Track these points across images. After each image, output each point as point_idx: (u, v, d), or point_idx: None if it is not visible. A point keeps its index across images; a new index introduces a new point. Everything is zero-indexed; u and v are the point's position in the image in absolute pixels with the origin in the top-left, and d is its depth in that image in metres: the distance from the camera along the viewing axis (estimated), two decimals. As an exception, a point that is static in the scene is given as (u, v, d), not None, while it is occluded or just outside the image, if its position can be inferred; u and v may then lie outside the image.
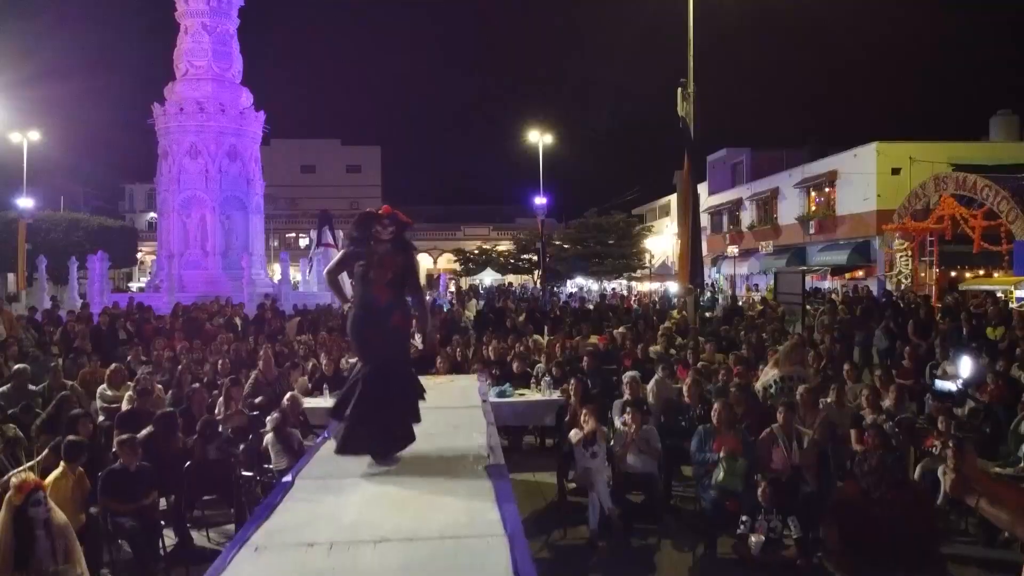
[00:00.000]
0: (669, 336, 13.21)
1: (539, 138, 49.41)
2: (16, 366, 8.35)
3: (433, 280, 63.92)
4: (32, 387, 8.37)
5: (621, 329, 12.72)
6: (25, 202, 46.61)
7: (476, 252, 58.29)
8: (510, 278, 56.20)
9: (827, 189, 30.76)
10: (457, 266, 60.38)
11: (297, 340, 11.77)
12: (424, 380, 7.51)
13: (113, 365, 8.79)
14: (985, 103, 69.93)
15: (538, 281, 51.11)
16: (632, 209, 66.05)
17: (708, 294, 26.53)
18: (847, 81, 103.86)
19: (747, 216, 38.70)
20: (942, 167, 26.81)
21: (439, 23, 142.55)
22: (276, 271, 67.42)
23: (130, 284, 62.77)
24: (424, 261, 69.54)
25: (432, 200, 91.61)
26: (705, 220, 44.60)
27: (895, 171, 27.20)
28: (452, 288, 59.57)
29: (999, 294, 18.39)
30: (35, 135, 46.85)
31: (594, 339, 13.07)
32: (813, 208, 31.87)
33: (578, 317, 15.30)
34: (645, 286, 28.69)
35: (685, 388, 6.94)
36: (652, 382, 8.09)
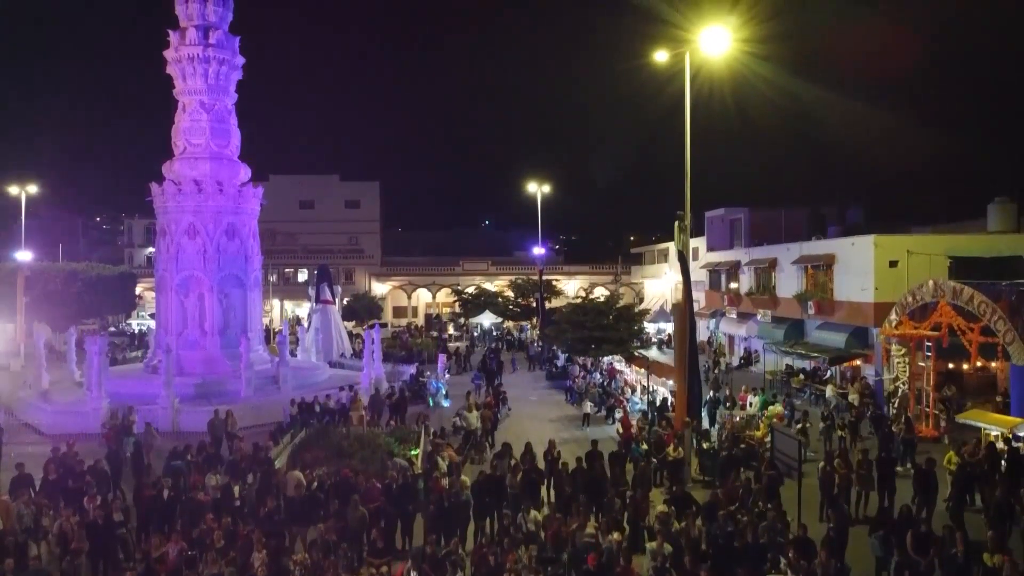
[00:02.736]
0: (666, 522, 13.19)
1: (538, 188, 49.67)
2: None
3: (432, 321, 64.09)
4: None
5: (615, 535, 12.66)
6: (24, 255, 46.76)
7: (474, 292, 58.36)
8: (508, 324, 56.18)
9: (825, 271, 30.75)
10: (456, 307, 60.46)
11: (292, 560, 11.72)
12: None
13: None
14: (983, 178, 69.70)
15: (536, 329, 51.23)
16: (631, 249, 66.26)
17: (708, 378, 26.44)
18: (844, 150, 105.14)
19: (745, 280, 38.71)
20: (940, 260, 26.86)
21: (439, 56, 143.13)
22: (275, 305, 67.28)
23: (129, 321, 62.90)
24: (423, 296, 69.65)
25: (432, 227, 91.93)
26: (703, 275, 44.68)
27: (892, 264, 27.23)
28: (453, 326, 59.87)
29: (994, 434, 18.39)
30: (32, 188, 47.03)
31: (591, 528, 13.06)
32: (810, 286, 31.89)
33: (577, 485, 15.24)
34: (641, 371, 28.64)
35: None
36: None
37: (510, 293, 58.57)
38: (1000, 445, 17.94)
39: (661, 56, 19.22)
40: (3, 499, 13.48)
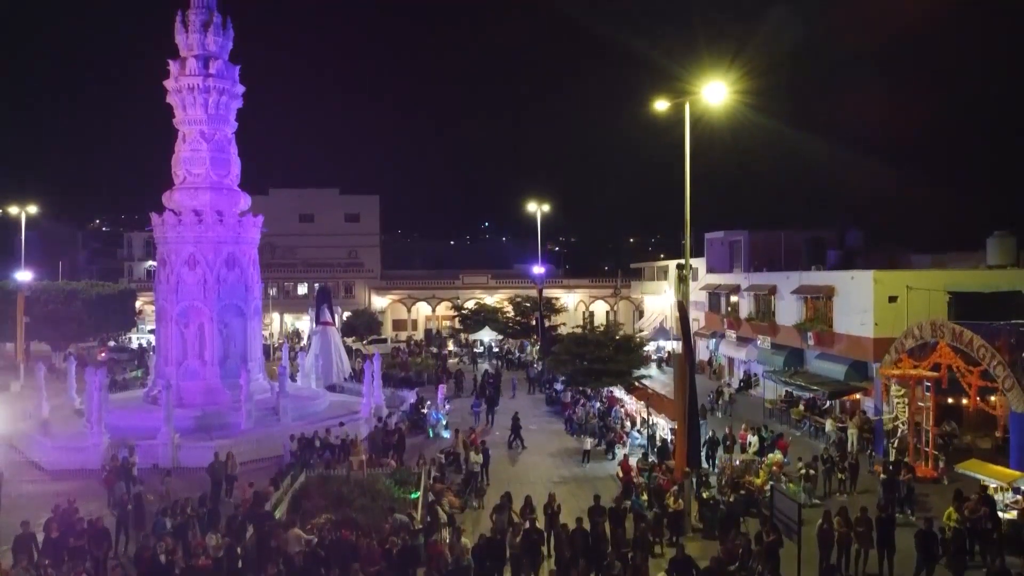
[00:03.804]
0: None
1: (538, 207, 49.66)
2: None
3: (432, 336, 64.13)
4: None
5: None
6: (23, 275, 46.77)
7: (474, 308, 58.41)
8: (508, 342, 56.19)
9: (825, 302, 30.78)
10: (456, 322, 60.54)
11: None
12: None
13: None
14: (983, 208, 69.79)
15: (536, 346, 51.21)
16: (631, 264, 66.30)
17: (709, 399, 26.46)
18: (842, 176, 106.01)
19: (745, 304, 38.73)
20: (939, 296, 26.89)
21: (439, 69, 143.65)
22: (274, 319, 67.21)
23: (130, 336, 62.84)
24: (422, 310, 69.70)
25: (432, 235, 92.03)
26: (703, 296, 44.72)
27: (892, 299, 27.26)
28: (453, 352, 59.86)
29: (993, 486, 18.40)
30: (32, 208, 47.07)
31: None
32: (810, 316, 31.92)
33: (576, 548, 15.27)
34: (640, 403, 28.68)
35: None
36: None
37: (510, 310, 58.59)
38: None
39: (662, 105, 19.28)
40: (3, 569, 13.50)
